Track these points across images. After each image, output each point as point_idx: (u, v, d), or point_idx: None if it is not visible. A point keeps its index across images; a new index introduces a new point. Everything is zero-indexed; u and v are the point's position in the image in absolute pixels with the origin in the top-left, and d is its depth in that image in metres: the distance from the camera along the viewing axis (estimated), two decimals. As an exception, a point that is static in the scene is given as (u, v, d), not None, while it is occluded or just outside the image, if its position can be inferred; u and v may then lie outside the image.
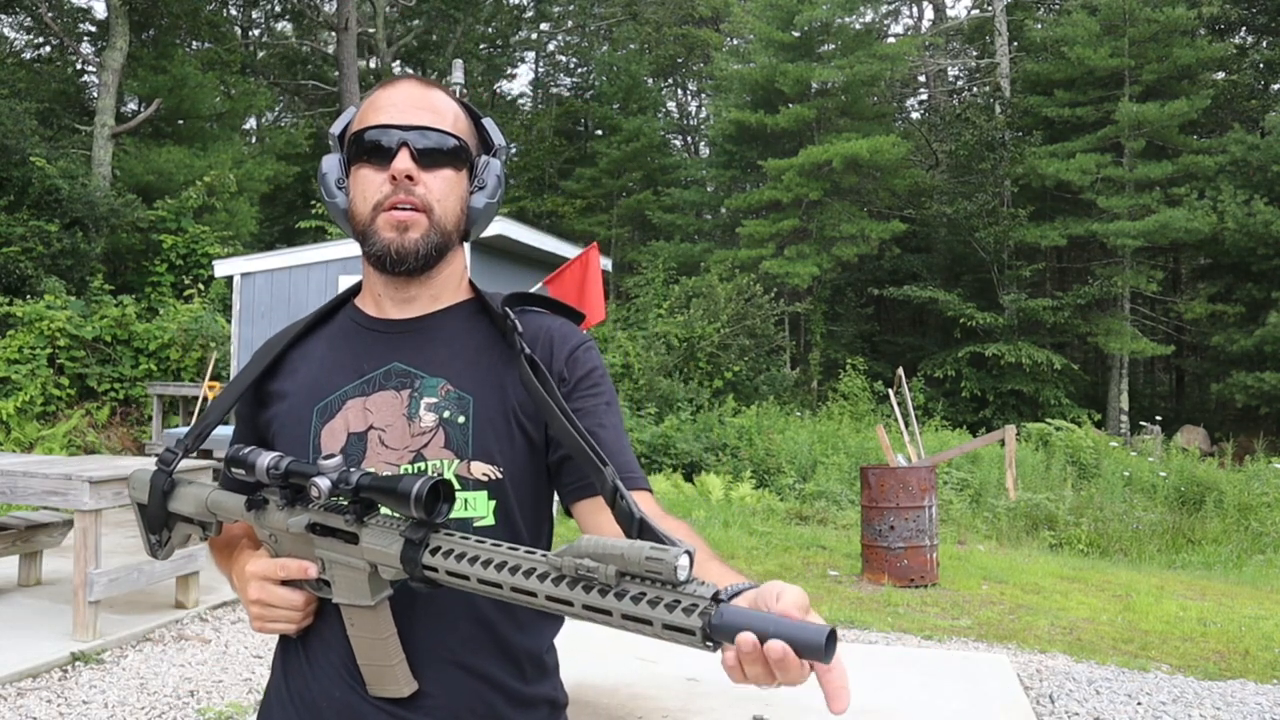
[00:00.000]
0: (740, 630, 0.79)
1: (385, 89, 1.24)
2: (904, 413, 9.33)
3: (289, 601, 1.15)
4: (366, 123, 1.22)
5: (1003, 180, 20.03)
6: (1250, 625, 6.05)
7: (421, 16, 24.56)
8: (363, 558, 1.07)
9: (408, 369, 1.22)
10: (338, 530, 1.09)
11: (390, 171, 1.18)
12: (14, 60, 20.04)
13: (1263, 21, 22.42)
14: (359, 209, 1.21)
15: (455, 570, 0.97)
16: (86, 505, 4.74)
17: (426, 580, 1.00)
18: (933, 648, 5.31)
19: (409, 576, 1.01)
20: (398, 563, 1.02)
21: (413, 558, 1.00)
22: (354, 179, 1.22)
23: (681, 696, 4.30)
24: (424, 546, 0.99)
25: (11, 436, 10.13)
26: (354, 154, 1.22)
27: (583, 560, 0.86)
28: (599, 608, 0.86)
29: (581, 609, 0.87)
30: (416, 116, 1.20)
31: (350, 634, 1.13)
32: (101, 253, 13.52)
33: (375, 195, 1.19)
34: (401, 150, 1.18)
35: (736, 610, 0.81)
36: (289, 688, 1.24)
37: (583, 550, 0.87)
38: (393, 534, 1.04)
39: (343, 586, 1.11)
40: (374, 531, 1.05)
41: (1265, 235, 17.42)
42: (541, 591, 0.90)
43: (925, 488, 6.69)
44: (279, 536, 1.14)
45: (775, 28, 20.51)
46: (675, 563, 0.82)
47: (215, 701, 4.19)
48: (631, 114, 25.58)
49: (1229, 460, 13.99)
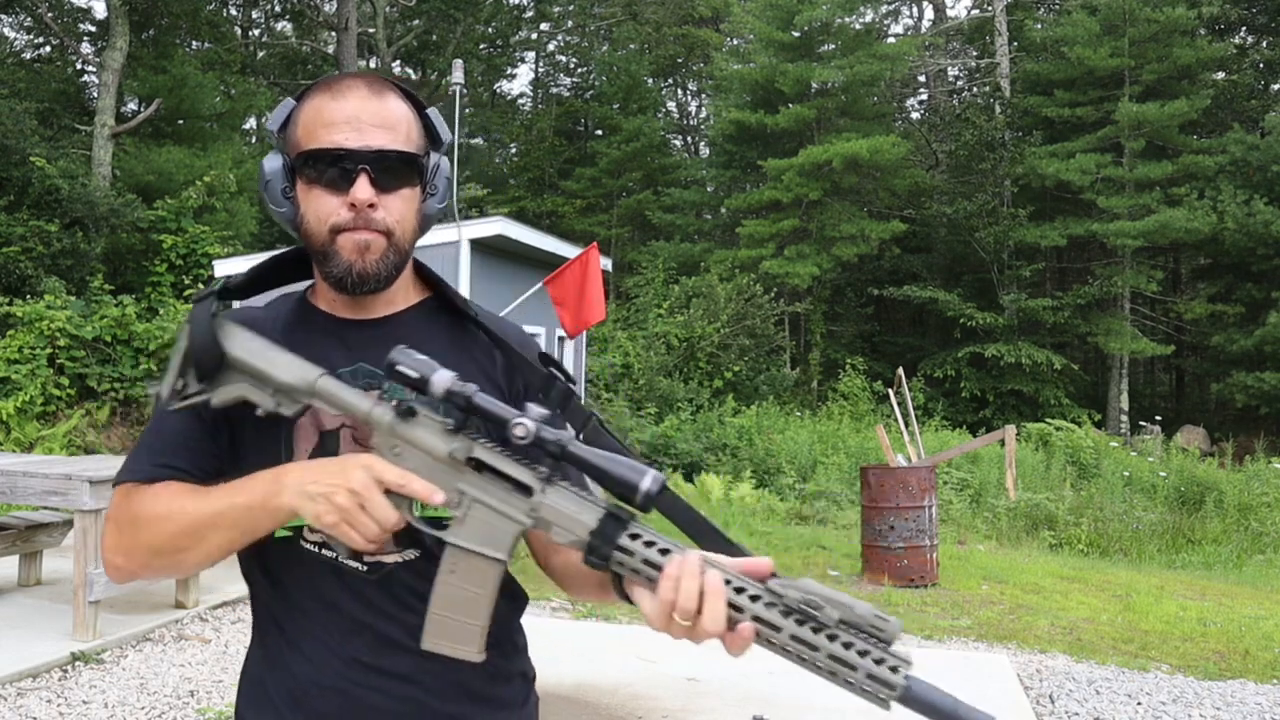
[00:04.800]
0: (927, 704, 0.90)
1: (333, 96, 1.16)
2: (904, 413, 9.33)
3: (385, 514, 1.02)
4: (317, 140, 1.14)
5: (1003, 180, 20.04)
6: (1250, 625, 6.05)
7: (421, 16, 24.56)
8: (530, 514, 1.03)
9: (374, 370, 1.20)
10: (509, 477, 1.04)
11: (350, 199, 1.13)
12: (14, 60, 20.05)
13: (1263, 21, 22.43)
14: (314, 228, 1.17)
15: (649, 559, 0.98)
16: (86, 505, 4.74)
17: (604, 560, 1.00)
18: (933, 648, 5.31)
19: (587, 550, 1.00)
20: (586, 534, 1.01)
21: (610, 534, 0.99)
22: (306, 196, 1.17)
23: (681, 696, 4.30)
24: (625, 527, 1.00)
25: (11, 436, 10.13)
26: (304, 170, 1.16)
27: (811, 596, 0.94)
28: (808, 642, 0.93)
29: (789, 639, 0.94)
30: (374, 137, 1.14)
31: (442, 580, 1.05)
32: (101, 253, 13.51)
33: (332, 218, 1.15)
34: (361, 177, 1.13)
35: (927, 686, 0.91)
36: (270, 683, 1.22)
37: (806, 588, 0.94)
38: (585, 504, 1.02)
39: (474, 530, 1.05)
40: (560, 494, 1.03)
41: (1265, 235, 17.42)
42: (749, 610, 0.95)
43: (925, 488, 6.69)
44: (407, 453, 1.06)
45: (775, 28, 20.52)
46: (897, 629, 0.92)
47: (215, 701, 4.19)
48: (631, 114, 25.59)
49: (1229, 460, 13.99)
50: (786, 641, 0.94)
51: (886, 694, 0.91)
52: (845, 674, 0.92)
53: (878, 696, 0.91)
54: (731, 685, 4.49)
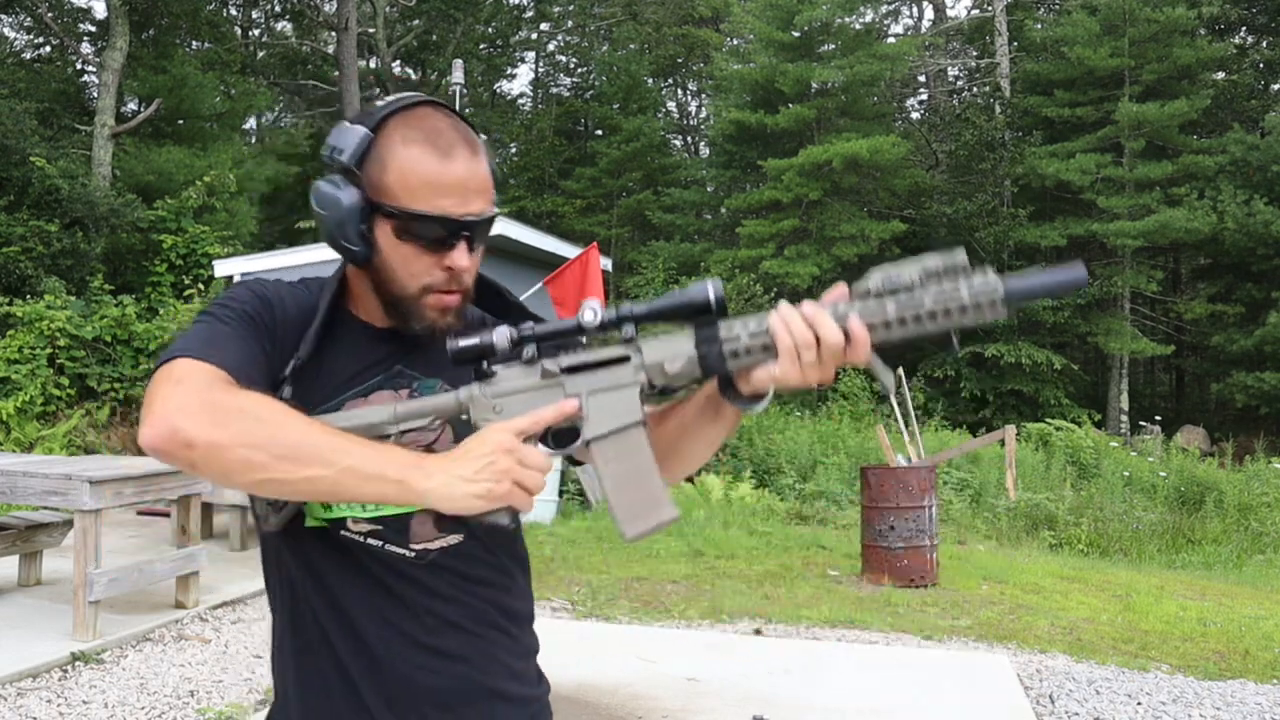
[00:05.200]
0: (1029, 291, 1.03)
1: (439, 157, 1.14)
2: (904, 413, 9.33)
3: (538, 458, 1.06)
4: (423, 202, 1.14)
5: (1003, 180, 20.04)
6: (1250, 625, 6.05)
7: (421, 16, 24.56)
8: (638, 371, 1.11)
9: (409, 371, 1.25)
10: (600, 362, 1.12)
11: (448, 263, 1.17)
12: (14, 60, 20.05)
13: (1263, 21, 22.43)
14: (403, 282, 1.18)
15: (753, 330, 1.07)
16: (86, 505, 4.73)
17: (720, 360, 1.08)
18: (932, 648, 5.31)
19: (709, 359, 1.08)
20: (692, 347, 1.09)
21: (710, 335, 1.08)
22: (395, 249, 1.17)
23: (681, 696, 4.30)
24: (717, 325, 1.08)
25: (11, 436, 10.13)
26: (402, 226, 1.16)
27: (888, 274, 1.05)
28: (910, 306, 1.04)
29: (894, 314, 1.04)
30: (475, 204, 1.16)
31: (606, 475, 1.11)
32: (101, 253, 13.51)
33: (425, 278, 1.17)
34: (461, 244, 1.17)
35: (1018, 278, 1.03)
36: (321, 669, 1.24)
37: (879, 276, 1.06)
38: (673, 337, 1.10)
39: (604, 416, 1.11)
40: (649, 344, 1.11)
41: (1265, 235, 17.42)
42: (850, 312, 1.05)
43: (925, 488, 6.69)
44: (509, 406, 1.11)
45: (775, 28, 20.52)
46: (962, 255, 1.04)
47: (215, 701, 4.19)
48: (631, 114, 25.58)
49: (1229, 460, 13.99)
50: (893, 316, 1.04)
51: (996, 297, 1.01)
52: (953, 305, 1.02)
53: (991, 305, 1.01)
54: (731, 685, 4.49)
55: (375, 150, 1.16)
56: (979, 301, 1.01)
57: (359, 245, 1.17)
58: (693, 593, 6.35)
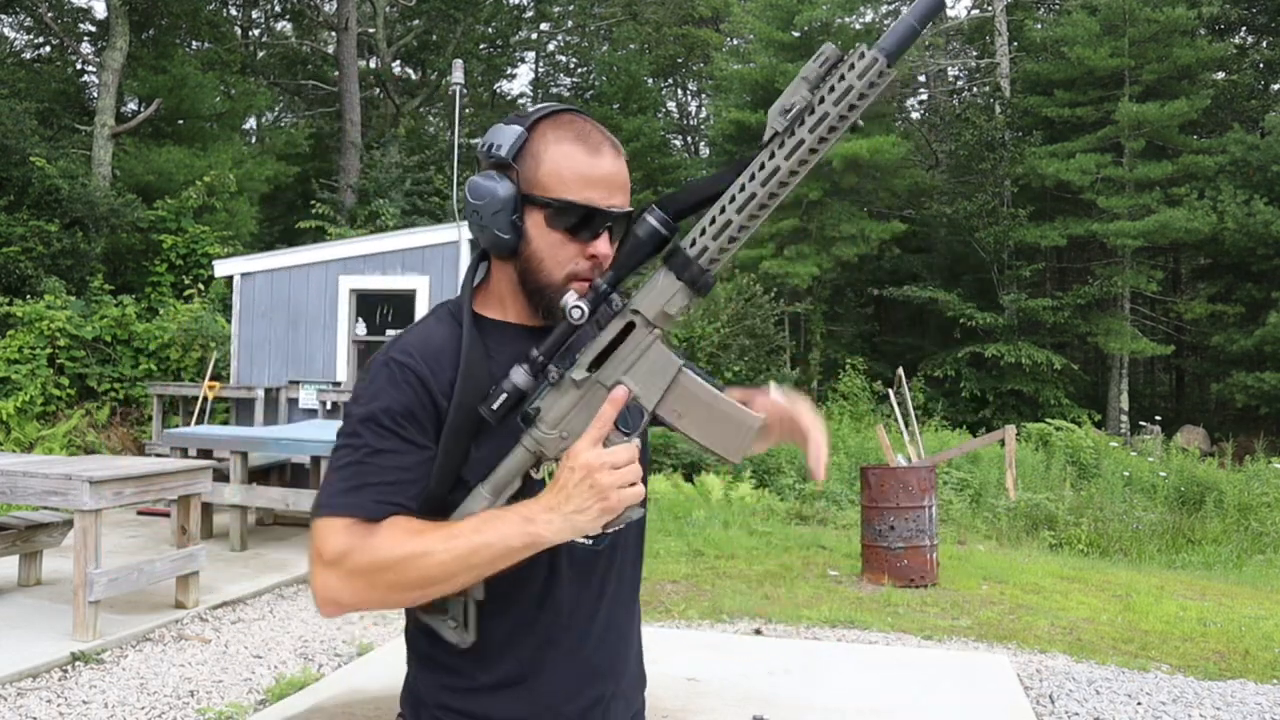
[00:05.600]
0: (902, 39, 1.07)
1: (589, 152, 1.24)
2: (904, 413, 9.33)
3: (627, 454, 1.13)
4: (575, 193, 1.23)
5: (1003, 180, 20.03)
6: (1250, 625, 6.05)
7: (421, 16, 24.55)
8: (648, 327, 1.16)
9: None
10: (615, 339, 1.17)
11: (591, 251, 1.24)
12: (14, 60, 20.05)
13: (1263, 21, 22.43)
14: (550, 269, 1.25)
15: (719, 232, 1.12)
16: (86, 505, 4.73)
17: (709, 270, 1.13)
18: (932, 648, 5.31)
19: (697, 282, 1.14)
20: (678, 283, 1.14)
21: (686, 260, 1.14)
22: (545, 237, 1.24)
23: (681, 696, 4.30)
24: (681, 248, 1.14)
25: (11, 436, 10.13)
26: (554, 215, 1.23)
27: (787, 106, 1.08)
28: (820, 120, 1.07)
29: (814, 139, 1.08)
30: (619, 199, 1.26)
31: (684, 426, 1.18)
32: (101, 253, 13.51)
33: (570, 266, 1.25)
34: (604, 234, 1.25)
35: (890, 34, 1.07)
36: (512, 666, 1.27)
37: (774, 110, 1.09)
38: (650, 281, 1.16)
39: (648, 379, 1.17)
40: (638, 298, 1.16)
41: (1265, 235, 17.42)
42: (780, 161, 1.09)
43: (925, 488, 6.69)
44: (567, 425, 1.16)
45: (775, 28, 20.52)
46: (831, 48, 1.08)
47: (215, 701, 4.19)
48: (631, 114, 25.58)
49: (1229, 460, 13.99)
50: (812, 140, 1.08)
51: (881, 67, 1.05)
52: (854, 98, 1.06)
53: (881, 75, 1.05)
54: (731, 685, 4.49)
55: (529, 146, 1.25)
56: (872, 81, 1.05)
57: (510, 234, 1.24)
58: (693, 593, 6.34)
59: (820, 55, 1.07)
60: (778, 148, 1.10)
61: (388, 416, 1.19)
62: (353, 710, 4.02)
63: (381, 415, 1.19)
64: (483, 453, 1.22)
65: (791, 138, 1.09)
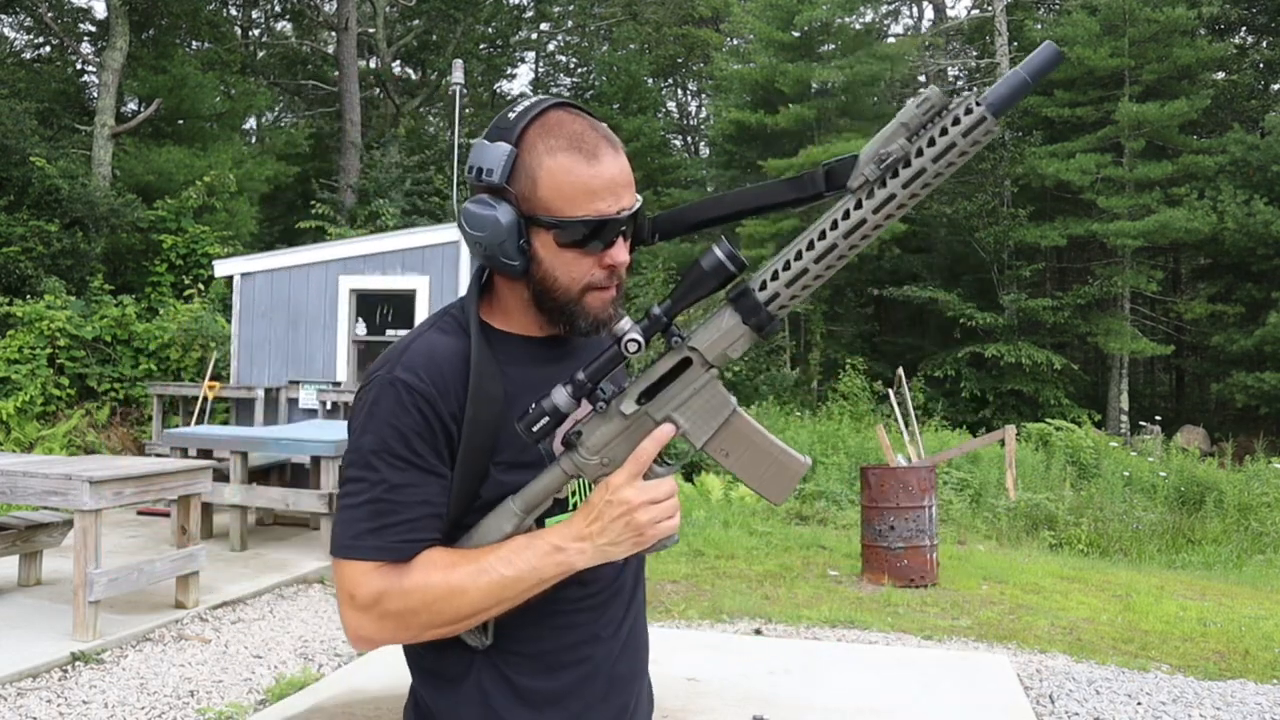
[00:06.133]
0: (1007, 97, 0.99)
1: (587, 160, 1.16)
2: (904, 413, 9.33)
3: (666, 488, 1.12)
4: (580, 208, 1.15)
5: (1003, 180, 20.03)
6: (1250, 625, 6.05)
7: (421, 16, 24.55)
8: (705, 365, 1.12)
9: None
10: (669, 373, 1.13)
11: (609, 261, 1.18)
12: (14, 60, 20.06)
13: (1263, 21, 22.42)
14: (565, 286, 1.19)
15: (793, 279, 1.07)
16: (86, 505, 4.73)
17: (768, 316, 1.09)
18: (932, 648, 5.31)
19: (760, 326, 1.09)
20: (744, 327, 1.09)
21: (756, 306, 1.09)
22: (556, 256, 1.17)
23: (681, 696, 4.30)
24: (753, 292, 1.08)
25: (11, 436, 10.13)
26: (561, 234, 1.16)
27: (883, 155, 1.02)
28: (917, 175, 1.01)
29: (906, 194, 1.02)
30: (626, 199, 1.18)
31: (731, 465, 1.16)
32: (101, 253, 13.52)
33: (587, 278, 1.19)
34: (619, 241, 1.18)
35: (993, 90, 1.00)
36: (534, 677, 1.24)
37: (866, 154, 1.03)
38: (713, 319, 1.11)
39: (700, 418, 1.14)
40: (699, 335, 1.11)
41: (1265, 235, 17.42)
42: (868, 213, 1.04)
43: (925, 488, 6.69)
44: (609, 454, 1.14)
45: (775, 28, 20.51)
46: (936, 92, 1.01)
47: (215, 701, 4.19)
48: (631, 114, 25.58)
49: (1229, 460, 13.98)
50: (904, 198, 1.03)
51: (986, 121, 0.98)
52: (954, 154, 1.00)
53: (985, 130, 0.98)
54: (731, 685, 4.49)
55: (521, 164, 1.16)
56: (977, 139, 0.99)
57: (518, 259, 1.18)
58: (693, 593, 6.34)
59: (924, 100, 1.00)
60: (866, 197, 1.04)
61: (402, 445, 1.14)
62: (353, 710, 4.02)
63: (395, 444, 1.14)
64: (503, 474, 1.19)
65: (882, 189, 1.03)
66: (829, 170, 1.08)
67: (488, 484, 1.18)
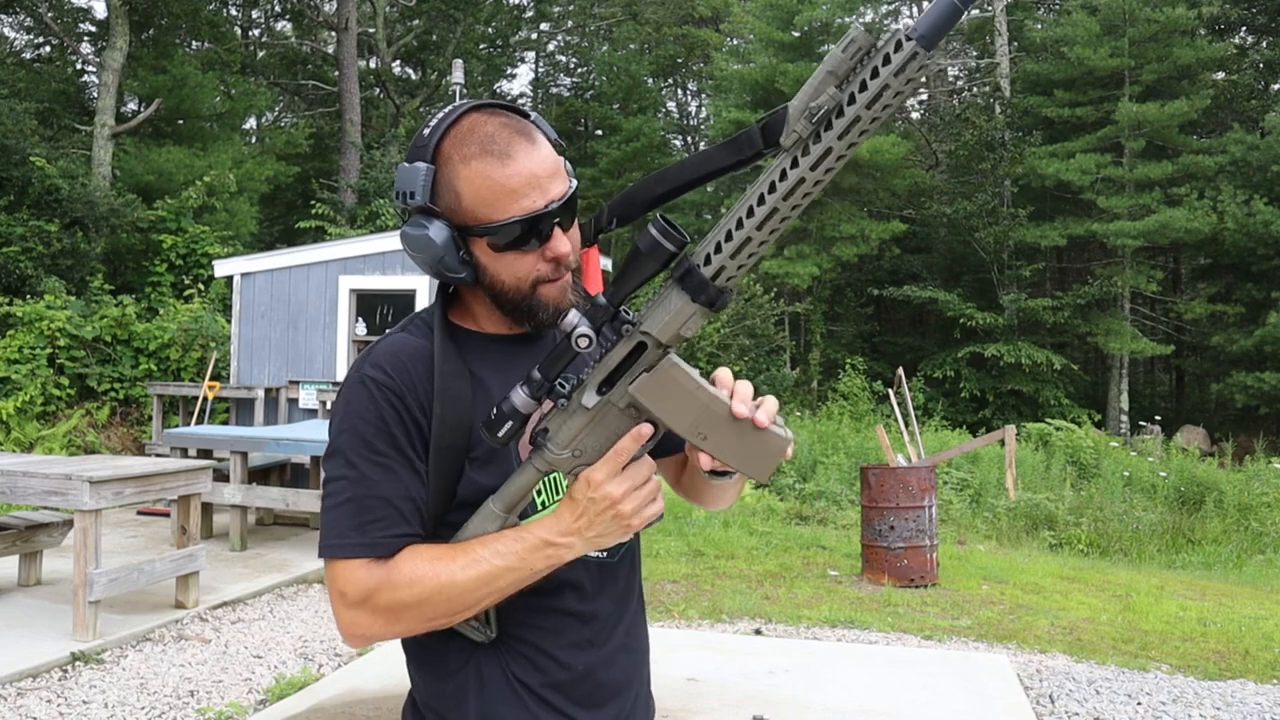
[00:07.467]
0: (934, 30, 0.90)
1: (501, 161, 1.15)
2: (904, 413, 9.33)
3: (645, 472, 1.12)
4: (505, 211, 1.15)
5: (1003, 180, 20.04)
6: (1250, 625, 6.05)
7: (421, 16, 24.55)
8: (658, 347, 1.08)
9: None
10: (625, 361, 1.10)
11: (550, 254, 1.18)
12: (14, 60, 20.06)
13: (1263, 21, 22.43)
14: (512, 286, 1.20)
15: (737, 249, 1.01)
16: (86, 505, 4.74)
17: (723, 290, 1.04)
18: (933, 648, 5.31)
19: (711, 302, 1.04)
20: (694, 305, 1.05)
21: (700, 282, 1.03)
22: (497, 260, 1.18)
23: (681, 696, 4.30)
24: (697, 269, 1.03)
25: (11, 436, 10.13)
26: (495, 239, 1.17)
27: (812, 108, 0.95)
28: (852, 125, 0.94)
29: (843, 145, 0.95)
30: (554, 188, 1.17)
31: (709, 447, 1.11)
32: (101, 253, 13.53)
33: (533, 275, 1.19)
34: (556, 231, 1.18)
35: (924, 21, 0.91)
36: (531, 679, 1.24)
37: (795, 109, 0.97)
38: (661, 300, 1.06)
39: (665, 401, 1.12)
40: (650, 319, 1.07)
41: (1265, 235, 17.43)
42: (805, 171, 0.97)
43: (925, 488, 6.69)
44: (581, 446, 1.13)
45: (775, 28, 20.53)
46: (861, 32, 0.93)
47: (215, 701, 4.19)
48: (631, 114, 25.60)
49: (1229, 460, 13.99)
50: (842, 150, 0.96)
51: (917, 53, 0.91)
52: (888, 95, 0.93)
53: (914, 59, 0.91)
54: (731, 685, 4.49)
55: (441, 181, 1.17)
56: (910, 76, 0.92)
57: (464, 271, 1.19)
58: (693, 593, 6.35)
59: (849, 42, 0.94)
60: (801, 154, 0.98)
61: (378, 439, 1.16)
62: (353, 710, 4.02)
63: (372, 438, 1.16)
64: (477, 472, 1.20)
65: (817, 144, 0.96)
66: (764, 126, 1.01)
67: (463, 482, 1.20)
